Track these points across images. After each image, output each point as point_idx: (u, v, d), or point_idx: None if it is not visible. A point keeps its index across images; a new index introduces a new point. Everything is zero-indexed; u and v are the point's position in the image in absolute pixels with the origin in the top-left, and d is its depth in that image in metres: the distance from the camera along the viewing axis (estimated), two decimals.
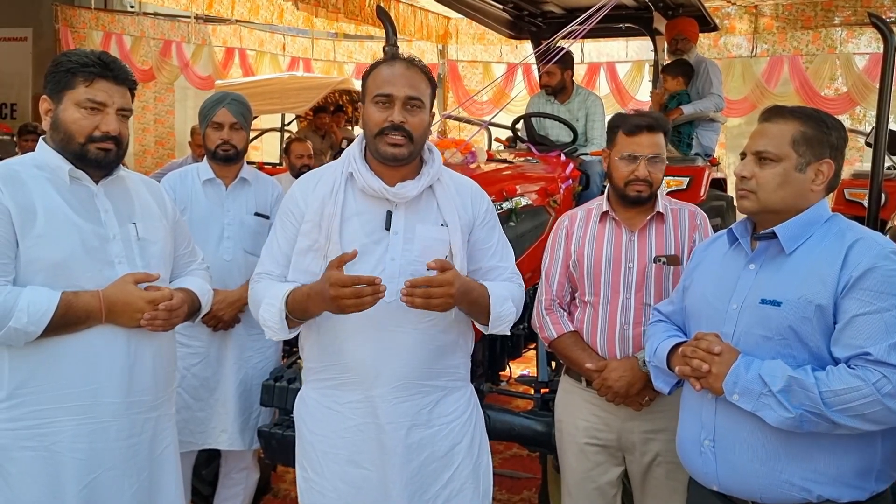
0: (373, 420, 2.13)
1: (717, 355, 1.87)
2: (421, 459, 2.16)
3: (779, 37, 11.69)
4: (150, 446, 2.19)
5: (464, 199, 2.23)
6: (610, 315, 2.52)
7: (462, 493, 2.21)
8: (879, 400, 1.69)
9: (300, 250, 2.14)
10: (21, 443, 2.01)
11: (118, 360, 2.09)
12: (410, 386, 2.14)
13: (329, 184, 2.14)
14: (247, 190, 3.16)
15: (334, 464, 2.17)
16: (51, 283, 2.01)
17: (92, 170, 2.13)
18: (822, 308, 1.80)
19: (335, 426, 2.17)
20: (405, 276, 2.03)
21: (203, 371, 3.02)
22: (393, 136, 2.06)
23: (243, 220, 3.10)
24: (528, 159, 4.51)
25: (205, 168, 3.11)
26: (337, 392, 2.17)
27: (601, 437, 2.56)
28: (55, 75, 2.09)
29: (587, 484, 2.59)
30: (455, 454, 2.21)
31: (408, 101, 2.07)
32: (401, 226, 2.12)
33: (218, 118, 3.05)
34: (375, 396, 2.12)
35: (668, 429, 2.48)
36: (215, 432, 3.05)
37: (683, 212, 2.57)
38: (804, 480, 1.82)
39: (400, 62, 2.11)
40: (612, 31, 6.22)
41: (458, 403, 2.25)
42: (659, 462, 2.50)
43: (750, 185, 1.93)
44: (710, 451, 1.94)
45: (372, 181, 2.10)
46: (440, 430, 2.19)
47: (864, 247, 1.82)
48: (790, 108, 1.97)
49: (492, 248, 2.27)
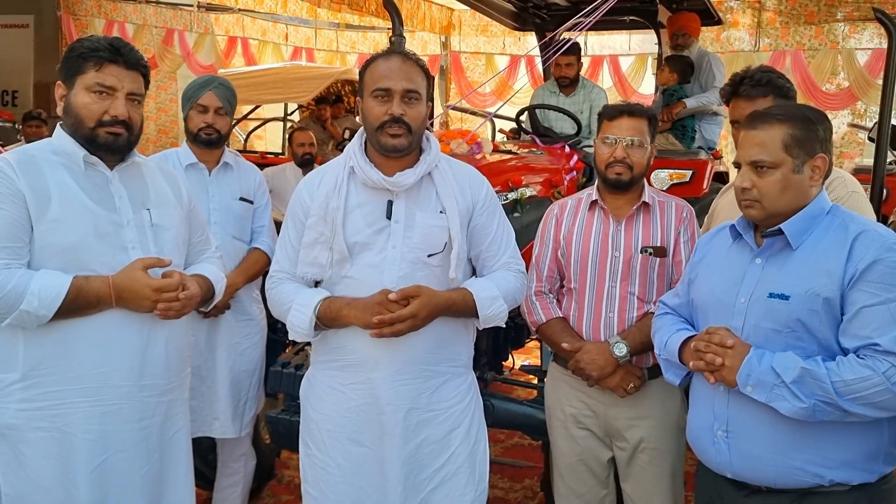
0: (373, 401, 2.20)
1: (729, 348, 1.90)
2: (418, 441, 2.22)
3: (781, 31, 11.74)
4: (161, 430, 2.21)
5: (462, 185, 2.28)
6: (595, 303, 2.57)
7: (456, 478, 2.27)
8: (889, 388, 1.73)
9: (307, 244, 2.21)
10: (34, 423, 2.03)
11: (131, 343, 2.12)
12: (411, 370, 2.20)
13: (332, 179, 2.22)
14: (230, 175, 3.12)
15: (337, 441, 2.24)
16: (64, 268, 2.03)
17: (105, 155, 2.15)
18: (829, 301, 1.83)
19: (338, 406, 2.24)
20: (406, 263, 2.15)
21: (194, 360, 2.95)
22: (393, 129, 2.12)
23: (229, 206, 3.06)
24: (533, 151, 4.53)
25: (185, 152, 3.04)
26: (340, 374, 2.24)
27: (587, 423, 2.62)
28: (68, 61, 2.12)
29: (578, 466, 2.66)
30: (452, 439, 2.27)
31: (406, 93, 2.13)
32: (401, 214, 2.18)
33: (203, 101, 2.99)
34: (376, 379, 2.19)
35: (652, 416, 2.55)
36: (208, 420, 3.04)
37: (670, 204, 2.62)
38: (816, 466, 1.86)
39: (396, 56, 2.18)
40: (617, 23, 6.26)
41: (459, 390, 2.30)
42: (643, 448, 2.56)
43: (752, 195, 1.95)
44: (723, 441, 1.97)
45: (371, 173, 2.17)
46: (439, 415, 2.25)
47: (868, 239, 1.85)
48: (773, 112, 1.99)
49: (492, 234, 2.31)
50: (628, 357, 2.47)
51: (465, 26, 13.01)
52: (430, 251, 2.19)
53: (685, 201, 2.69)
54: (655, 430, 2.54)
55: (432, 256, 2.19)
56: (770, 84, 2.47)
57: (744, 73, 2.54)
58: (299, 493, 3.80)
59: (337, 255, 2.17)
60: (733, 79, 2.56)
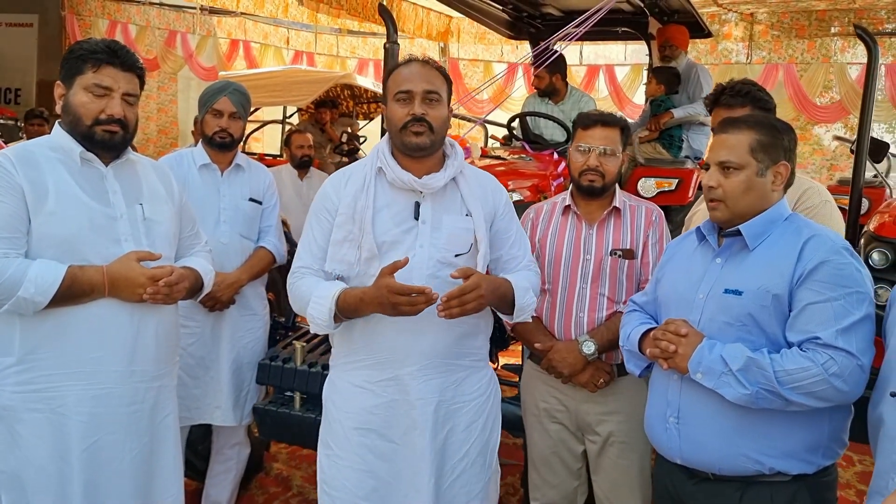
0: (403, 396, 2.28)
1: (683, 337, 2.02)
2: (445, 433, 2.31)
3: (774, 45, 11.84)
4: (150, 414, 2.32)
5: (485, 191, 2.38)
6: (567, 303, 2.68)
7: (473, 468, 2.37)
8: (826, 379, 1.85)
9: (336, 241, 2.28)
10: (30, 405, 2.14)
11: (122, 331, 2.23)
12: (438, 365, 2.28)
13: (360, 179, 2.29)
14: (241, 176, 3.25)
15: (365, 438, 2.29)
16: (60, 258, 2.14)
17: (101, 152, 2.26)
18: (778, 297, 1.96)
19: (366, 403, 2.30)
20: (433, 262, 2.22)
21: (199, 350, 3.13)
22: (416, 127, 2.21)
23: (238, 205, 3.19)
24: (522, 157, 4.63)
25: (200, 153, 3.18)
26: (368, 372, 2.30)
27: (560, 417, 2.74)
28: (68, 62, 2.23)
29: (552, 458, 2.79)
30: (472, 430, 2.36)
31: (426, 94, 2.23)
32: (428, 216, 2.26)
33: (218, 106, 3.13)
34: (405, 375, 2.27)
35: (621, 411, 2.66)
36: (209, 408, 3.17)
37: (641, 209, 2.74)
38: (758, 454, 1.98)
39: (416, 62, 2.28)
40: (609, 34, 6.33)
41: (481, 383, 2.40)
42: (612, 442, 2.68)
43: (717, 195, 2.08)
44: (674, 428, 2.09)
45: (401, 174, 2.25)
46: (462, 407, 2.34)
47: (817, 242, 1.98)
48: (743, 119, 2.13)
49: (511, 238, 2.41)
50: (596, 354, 2.58)
51: (463, 34, 13.09)
52: (456, 251, 2.26)
53: (655, 205, 2.81)
54: (624, 424, 2.65)
55: (459, 257, 2.26)
56: (749, 95, 2.61)
57: (725, 85, 2.69)
58: (288, 486, 3.96)
59: (366, 252, 2.23)
60: (716, 90, 2.70)
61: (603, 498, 2.73)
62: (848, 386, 1.87)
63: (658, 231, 2.70)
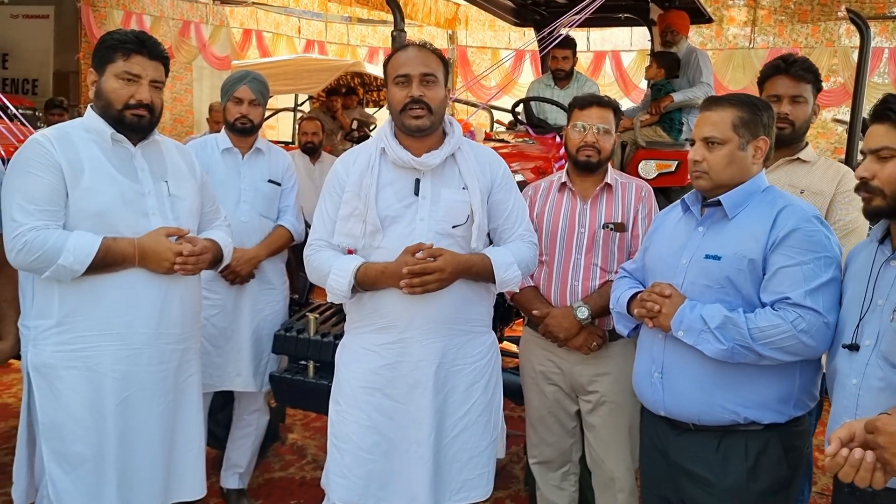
0: (405, 358, 2.44)
1: (667, 298, 2.19)
2: (445, 392, 2.47)
3: (778, 29, 11.85)
4: (175, 374, 2.53)
5: (482, 165, 2.52)
6: (563, 273, 2.86)
7: (476, 426, 2.53)
8: (795, 335, 2.02)
9: (343, 216, 2.44)
10: (68, 363, 2.35)
11: (151, 296, 2.43)
12: (440, 329, 2.44)
13: (366, 159, 2.45)
14: (261, 159, 3.45)
15: (370, 396, 2.46)
16: (94, 230, 2.33)
17: (130, 133, 2.46)
18: (753, 262, 2.12)
19: (372, 364, 2.47)
20: (433, 234, 2.39)
21: (221, 321, 3.32)
22: (415, 110, 2.36)
23: (258, 187, 3.39)
24: (525, 140, 4.79)
25: (223, 138, 3.39)
26: (376, 335, 2.46)
27: (555, 379, 2.93)
28: (100, 51, 2.43)
29: (548, 418, 2.98)
30: (473, 391, 2.52)
31: (423, 77, 2.37)
32: (428, 191, 2.42)
33: (239, 94, 3.34)
34: (408, 338, 2.43)
35: (611, 372, 2.84)
36: (231, 376, 3.36)
37: (631, 185, 2.92)
38: (734, 405, 2.15)
39: (412, 46, 2.42)
40: (611, 20, 6.45)
41: (482, 347, 2.55)
42: (603, 402, 2.86)
43: (702, 168, 2.25)
44: (658, 382, 2.27)
45: (401, 153, 2.41)
46: (463, 369, 2.50)
47: (790, 211, 2.15)
48: (726, 97, 2.30)
49: (508, 209, 2.55)
50: (590, 320, 2.75)
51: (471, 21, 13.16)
52: (454, 223, 2.42)
53: (645, 182, 2.98)
54: (615, 385, 2.83)
55: (456, 227, 2.42)
56: (814, 74, 2.80)
57: (796, 58, 2.84)
58: (302, 454, 4.18)
59: (370, 226, 2.39)
60: (785, 59, 2.83)
61: (595, 454, 2.92)
62: (815, 341, 2.03)
63: (647, 206, 2.88)
